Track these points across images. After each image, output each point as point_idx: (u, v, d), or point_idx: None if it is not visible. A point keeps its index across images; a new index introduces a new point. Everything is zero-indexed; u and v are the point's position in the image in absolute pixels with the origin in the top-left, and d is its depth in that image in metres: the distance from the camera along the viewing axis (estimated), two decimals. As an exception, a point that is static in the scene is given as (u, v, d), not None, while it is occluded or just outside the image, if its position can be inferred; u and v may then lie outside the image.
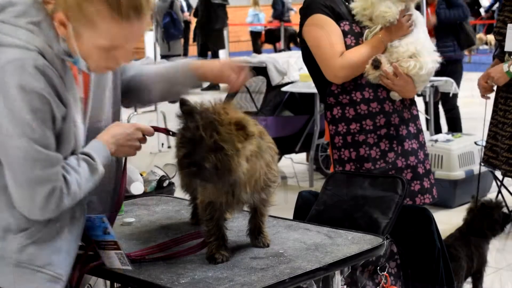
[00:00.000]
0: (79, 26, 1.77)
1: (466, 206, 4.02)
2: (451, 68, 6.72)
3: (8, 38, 1.76)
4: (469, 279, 3.90)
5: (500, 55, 4.45)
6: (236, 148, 1.96)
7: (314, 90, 6.03)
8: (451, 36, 6.85)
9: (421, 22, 3.03)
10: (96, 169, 1.91)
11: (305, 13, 3.00)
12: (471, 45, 7.47)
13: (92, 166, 1.90)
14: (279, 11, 16.90)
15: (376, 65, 2.90)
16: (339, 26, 2.95)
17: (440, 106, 7.15)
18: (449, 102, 6.92)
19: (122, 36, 1.80)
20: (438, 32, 6.84)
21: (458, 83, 6.89)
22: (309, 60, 3.03)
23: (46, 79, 1.75)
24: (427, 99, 6.81)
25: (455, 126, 6.99)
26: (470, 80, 6.75)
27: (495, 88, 4.44)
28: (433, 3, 6.81)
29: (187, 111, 2.01)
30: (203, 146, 1.94)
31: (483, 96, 4.42)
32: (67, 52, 1.82)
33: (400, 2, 2.92)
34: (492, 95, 4.56)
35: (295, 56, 7.04)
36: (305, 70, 6.41)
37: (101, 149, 1.94)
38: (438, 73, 6.33)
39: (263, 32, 17.24)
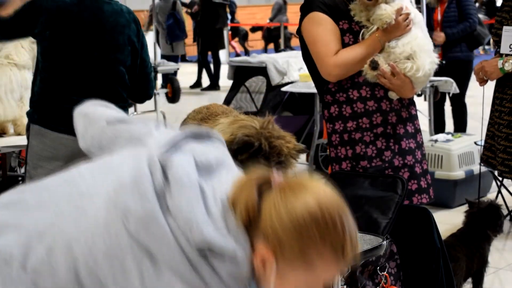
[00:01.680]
0: (288, 266, 1.47)
1: (466, 206, 4.01)
2: (461, 68, 6.72)
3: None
4: (469, 279, 3.90)
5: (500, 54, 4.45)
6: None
7: (314, 90, 6.02)
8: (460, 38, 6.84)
9: (419, 21, 3.02)
10: None
11: (304, 11, 3.01)
12: (479, 46, 7.47)
13: None
14: (232, 13, 17.29)
15: (374, 66, 2.91)
16: (338, 24, 2.96)
17: (446, 105, 7.14)
18: (459, 100, 6.92)
19: (332, 272, 1.52)
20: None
21: (466, 84, 6.88)
22: (308, 58, 3.04)
23: None
24: (427, 99, 6.81)
25: (461, 124, 6.99)
26: (470, 81, 6.76)
27: (490, 82, 4.45)
28: (443, 1, 6.80)
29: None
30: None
31: (480, 84, 4.43)
32: None
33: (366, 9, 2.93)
34: (491, 95, 4.57)
35: (295, 56, 7.04)
36: (305, 70, 6.40)
37: None
38: (446, 73, 6.36)
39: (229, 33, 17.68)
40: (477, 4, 16.23)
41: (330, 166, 3.04)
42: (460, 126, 6.97)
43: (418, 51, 2.93)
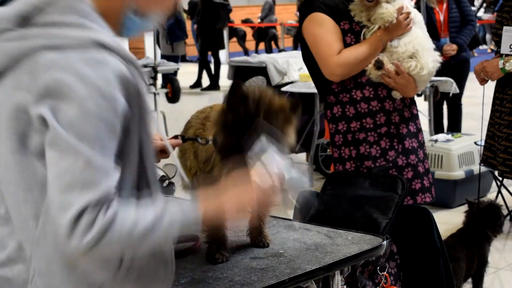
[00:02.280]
0: None
1: (466, 206, 4.01)
2: (459, 67, 6.73)
3: (58, 41, 1.45)
4: (469, 279, 3.90)
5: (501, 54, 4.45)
6: (285, 134, 1.97)
7: (314, 90, 6.03)
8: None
9: (419, 20, 3.03)
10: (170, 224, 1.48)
11: (304, 11, 3.01)
12: (478, 45, 7.52)
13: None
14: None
15: (379, 66, 2.91)
16: (339, 25, 2.96)
17: (445, 106, 7.15)
18: (455, 101, 6.93)
19: None
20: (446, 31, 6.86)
21: (464, 83, 6.90)
22: (309, 59, 3.04)
23: (124, 85, 1.45)
24: (427, 99, 6.82)
25: (456, 125, 7.00)
26: (470, 80, 6.76)
27: (490, 82, 4.45)
28: (442, 2, 6.81)
29: (241, 96, 1.95)
30: (261, 131, 1.90)
31: (481, 83, 4.44)
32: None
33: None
34: (491, 95, 4.58)
35: (295, 56, 7.05)
36: (305, 70, 6.40)
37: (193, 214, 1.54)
38: (445, 72, 6.39)
39: None
40: (484, 4, 16.29)
41: (333, 166, 3.04)
42: (456, 126, 6.98)
43: (420, 50, 2.94)
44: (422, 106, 6.71)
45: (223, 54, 13.93)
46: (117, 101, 1.42)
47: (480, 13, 15.77)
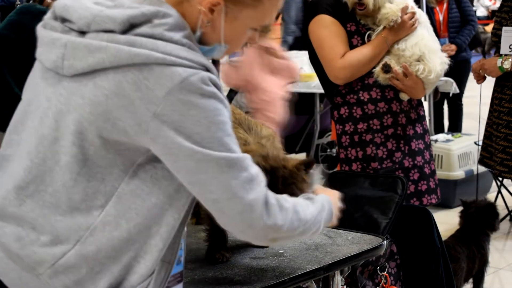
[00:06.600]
0: (238, 5, 1.55)
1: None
2: (459, 67, 6.74)
3: (171, 58, 1.45)
4: (470, 279, 3.90)
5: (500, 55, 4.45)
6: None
7: (314, 90, 6.02)
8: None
9: (424, 20, 3.02)
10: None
11: (311, 13, 3.01)
12: (479, 45, 7.53)
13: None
14: None
15: (387, 70, 2.91)
16: (346, 27, 2.95)
17: (445, 105, 7.15)
18: (455, 101, 6.94)
19: (274, 11, 1.64)
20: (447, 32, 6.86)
21: (464, 83, 6.90)
22: (315, 60, 3.04)
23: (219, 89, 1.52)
24: (427, 99, 6.82)
25: (456, 125, 7.00)
26: (470, 80, 6.76)
27: (489, 82, 4.46)
28: (442, 1, 6.81)
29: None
30: None
31: (478, 82, 4.45)
32: (200, 41, 1.58)
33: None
34: (489, 95, 4.58)
35: (295, 56, 7.03)
36: (305, 70, 6.41)
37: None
38: (446, 73, 6.39)
39: None
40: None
41: (340, 167, 3.04)
42: (456, 126, 6.98)
43: (426, 52, 2.93)
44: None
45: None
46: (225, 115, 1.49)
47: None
